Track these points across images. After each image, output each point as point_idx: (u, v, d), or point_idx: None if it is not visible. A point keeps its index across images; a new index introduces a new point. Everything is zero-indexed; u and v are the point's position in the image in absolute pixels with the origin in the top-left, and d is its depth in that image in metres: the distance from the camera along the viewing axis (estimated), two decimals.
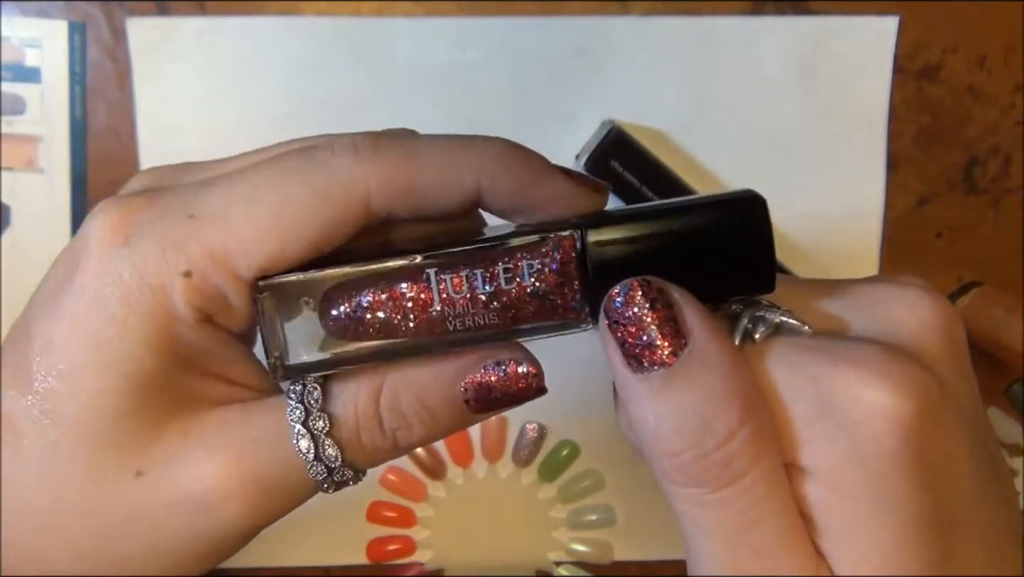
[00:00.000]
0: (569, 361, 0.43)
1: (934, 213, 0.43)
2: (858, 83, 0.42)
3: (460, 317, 0.20)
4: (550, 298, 0.20)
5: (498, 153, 0.20)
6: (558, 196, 0.20)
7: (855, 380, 0.18)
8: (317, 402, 0.20)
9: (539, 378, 0.21)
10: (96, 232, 0.20)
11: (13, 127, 0.41)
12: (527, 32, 0.41)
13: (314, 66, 0.41)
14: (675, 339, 0.18)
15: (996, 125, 0.43)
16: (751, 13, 0.41)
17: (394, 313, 0.19)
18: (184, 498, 0.20)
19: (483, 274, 0.19)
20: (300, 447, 0.20)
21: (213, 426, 0.20)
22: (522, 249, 0.20)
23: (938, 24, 0.42)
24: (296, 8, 0.40)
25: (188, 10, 0.40)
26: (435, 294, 0.19)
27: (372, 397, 0.20)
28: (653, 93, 0.41)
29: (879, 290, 0.20)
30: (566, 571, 0.44)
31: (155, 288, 0.19)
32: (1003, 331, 0.40)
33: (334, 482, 0.21)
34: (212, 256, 0.19)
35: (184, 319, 0.19)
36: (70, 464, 0.20)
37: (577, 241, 0.20)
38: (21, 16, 0.40)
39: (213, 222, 0.19)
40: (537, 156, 0.21)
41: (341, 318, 0.19)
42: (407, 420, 0.20)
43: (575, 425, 0.44)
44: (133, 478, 0.20)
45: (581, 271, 0.20)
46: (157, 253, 0.19)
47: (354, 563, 0.44)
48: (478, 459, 0.44)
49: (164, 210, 0.20)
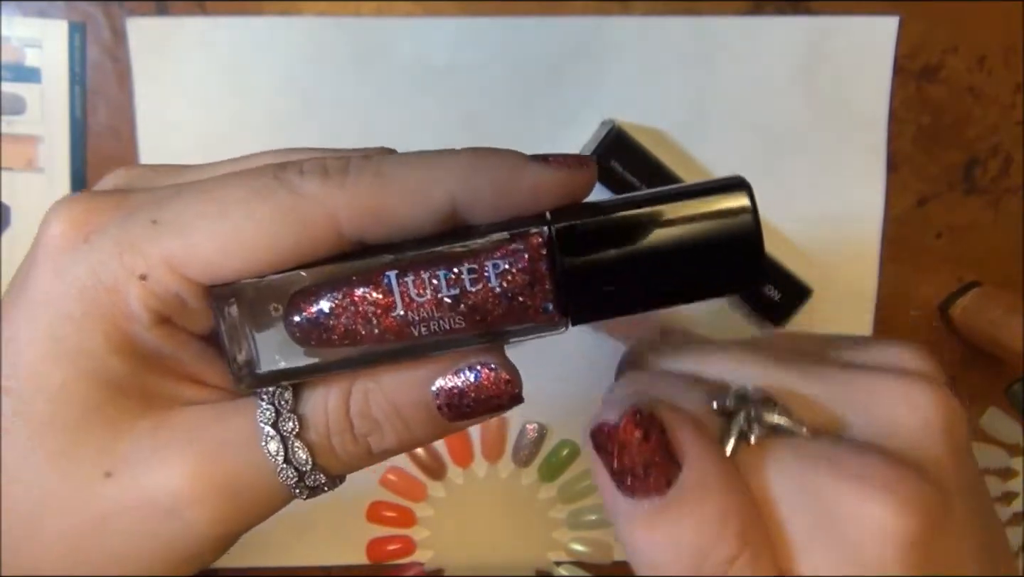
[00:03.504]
0: (569, 361, 0.43)
1: (934, 213, 0.43)
2: (858, 83, 0.42)
3: (425, 322, 0.18)
4: (519, 300, 0.18)
5: (468, 161, 0.19)
6: (541, 185, 0.19)
7: (857, 495, 0.17)
8: (287, 404, 0.20)
9: (513, 385, 0.20)
10: (58, 227, 0.19)
11: (13, 127, 0.41)
12: (527, 32, 0.41)
13: (314, 66, 0.41)
14: (668, 466, 0.18)
15: (996, 125, 0.43)
16: (751, 13, 0.41)
17: (356, 318, 0.19)
18: (150, 502, 0.19)
19: (446, 276, 0.18)
20: (269, 449, 0.19)
21: (183, 425, 0.20)
22: (487, 248, 0.18)
23: (938, 24, 0.42)
24: (296, 8, 0.40)
25: (188, 10, 0.40)
26: (397, 298, 0.18)
27: (342, 400, 0.20)
28: (653, 93, 0.41)
29: (879, 385, 0.19)
30: (566, 571, 0.44)
31: (110, 288, 0.19)
32: (1003, 331, 0.40)
33: (307, 487, 0.20)
34: (169, 263, 0.19)
35: (140, 320, 0.19)
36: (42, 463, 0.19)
37: (544, 237, 0.18)
38: (21, 16, 0.40)
39: (175, 230, 0.19)
40: (509, 152, 0.19)
41: (304, 325, 0.19)
42: (379, 425, 0.20)
43: (575, 425, 0.44)
44: (103, 479, 0.19)
45: (552, 270, 0.18)
46: (115, 254, 0.19)
47: (354, 563, 0.44)
48: (478, 459, 0.44)
49: (129, 212, 0.20)
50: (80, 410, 0.19)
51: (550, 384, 0.43)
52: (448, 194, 0.19)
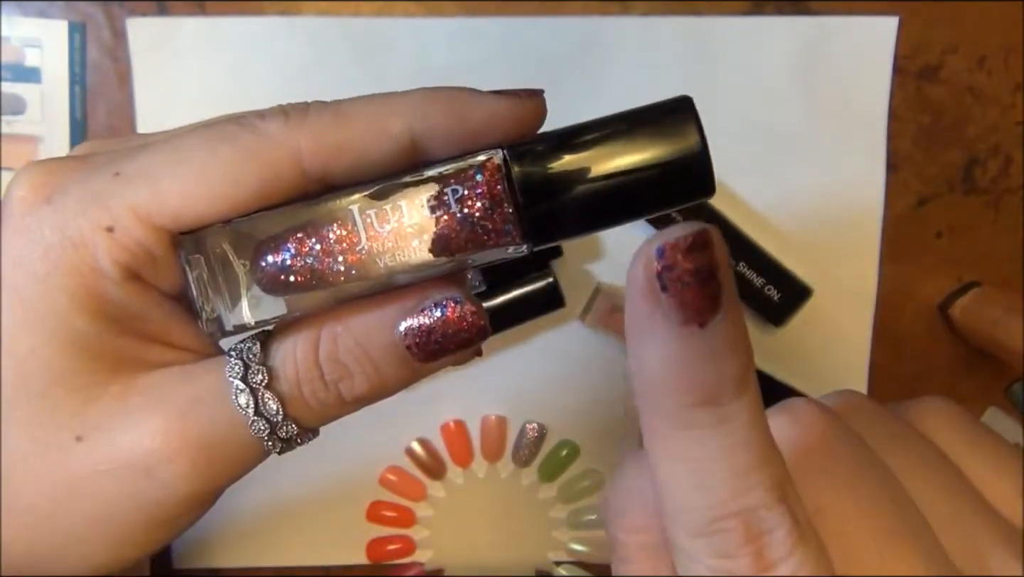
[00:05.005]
0: (569, 361, 0.43)
1: (934, 213, 0.43)
2: (858, 83, 0.42)
3: (390, 253, 0.19)
4: (481, 224, 0.19)
5: (423, 95, 0.20)
6: (494, 116, 0.20)
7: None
8: (256, 357, 0.20)
9: (478, 316, 0.20)
10: (19, 191, 0.20)
11: (13, 127, 0.41)
12: (527, 32, 0.41)
13: (314, 66, 0.41)
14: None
15: (996, 125, 0.43)
16: (751, 13, 0.41)
17: (322, 257, 0.19)
18: (124, 462, 0.19)
19: (407, 205, 0.19)
20: (239, 402, 0.19)
21: (153, 387, 0.20)
22: (446, 177, 0.19)
23: (938, 24, 0.42)
24: (296, 8, 0.40)
25: (188, 10, 0.40)
26: (361, 232, 0.19)
27: (311, 347, 0.20)
28: (653, 93, 0.41)
29: None
30: (566, 571, 0.44)
31: (77, 243, 0.19)
32: (1003, 331, 0.40)
33: (279, 439, 0.20)
34: (135, 212, 0.19)
35: (109, 276, 0.19)
36: (12, 428, 0.19)
37: (501, 162, 0.19)
38: (21, 16, 0.40)
39: (138, 179, 0.19)
40: (463, 88, 0.20)
41: (270, 269, 0.19)
42: (348, 370, 0.20)
43: (575, 425, 0.44)
44: (73, 443, 0.19)
45: (510, 193, 0.19)
46: (79, 209, 0.19)
47: (354, 563, 0.44)
48: (478, 459, 0.44)
49: (90, 170, 0.20)
50: (49, 376, 0.19)
51: (550, 384, 0.43)
52: (405, 125, 0.19)
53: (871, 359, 0.44)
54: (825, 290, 0.42)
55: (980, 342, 0.42)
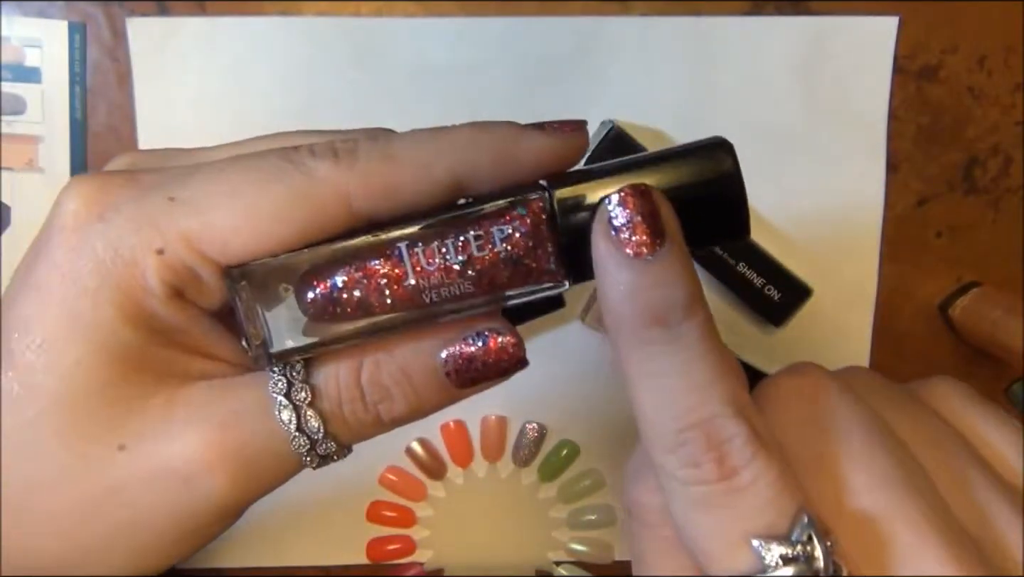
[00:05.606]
0: (569, 361, 0.43)
1: (934, 213, 0.43)
2: (858, 83, 0.42)
3: (436, 288, 0.20)
4: (524, 262, 0.20)
5: (471, 135, 0.20)
6: (540, 154, 0.20)
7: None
8: (299, 374, 0.20)
9: (519, 348, 0.21)
10: (71, 205, 0.20)
11: (13, 127, 0.41)
12: (527, 32, 0.41)
13: (314, 66, 0.41)
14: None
15: (996, 125, 0.43)
16: (751, 13, 0.41)
17: (370, 290, 0.19)
18: (165, 471, 0.20)
19: (454, 244, 0.19)
20: (282, 418, 0.20)
21: (196, 399, 0.20)
22: (491, 215, 0.19)
23: (938, 24, 0.42)
24: (296, 8, 0.40)
25: (188, 10, 0.40)
26: (408, 268, 0.19)
27: (354, 369, 0.20)
28: (653, 93, 0.41)
29: None
30: (566, 571, 0.44)
31: (128, 262, 0.19)
32: (1003, 331, 0.40)
33: (317, 456, 0.21)
34: (186, 238, 0.19)
35: (155, 293, 0.20)
36: (51, 439, 0.20)
37: (545, 202, 0.20)
38: (21, 16, 0.40)
39: (192, 208, 0.19)
40: (507, 124, 0.21)
41: (318, 300, 0.19)
42: (389, 393, 0.21)
43: (575, 425, 0.44)
44: (115, 452, 0.20)
45: (553, 232, 0.20)
46: (132, 229, 0.19)
47: (354, 563, 0.44)
48: (478, 459, 0.44)
49: (144, 190, 0.20)
50: (93, 387, 0.20)
51: (550, 384, 0.43)
52: (451, 168, 0.20)
53: (871, 359, 0.44)
54: (825, 290, 0.42)
55: (980, 342, 0.42)
